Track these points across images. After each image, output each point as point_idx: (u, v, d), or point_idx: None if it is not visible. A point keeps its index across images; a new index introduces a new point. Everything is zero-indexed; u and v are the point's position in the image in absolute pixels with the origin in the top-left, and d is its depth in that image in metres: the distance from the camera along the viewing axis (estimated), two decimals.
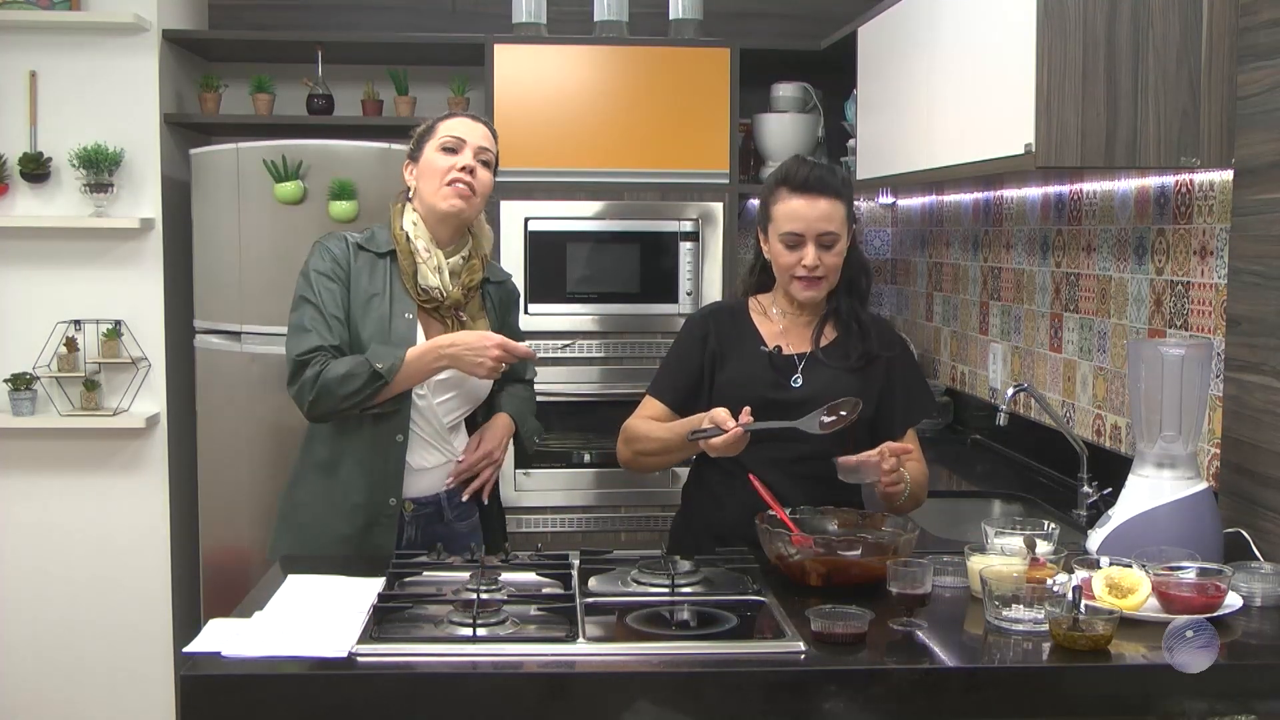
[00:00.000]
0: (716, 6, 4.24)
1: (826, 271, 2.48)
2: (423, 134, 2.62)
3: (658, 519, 3.89)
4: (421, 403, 2.55)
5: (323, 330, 2.48)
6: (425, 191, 2.57)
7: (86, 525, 4.02)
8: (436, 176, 2.55)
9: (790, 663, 1.86)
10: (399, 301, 2.54)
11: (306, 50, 4.13)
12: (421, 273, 2.54)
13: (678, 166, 3.92)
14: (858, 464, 2.34)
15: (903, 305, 4.71)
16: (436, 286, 2.54)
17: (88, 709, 4.07)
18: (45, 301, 3.96)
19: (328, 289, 2.51)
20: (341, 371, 2.44)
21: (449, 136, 2.57)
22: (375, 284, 2.54)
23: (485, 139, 2.61)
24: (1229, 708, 1.86)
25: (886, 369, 2.56)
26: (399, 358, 2.44)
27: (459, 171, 2.54)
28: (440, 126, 2.60)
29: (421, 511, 2.60)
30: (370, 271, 2.55)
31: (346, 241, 2.58)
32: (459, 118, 2.62)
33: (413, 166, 2.62)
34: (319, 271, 2.53)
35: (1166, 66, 2.50)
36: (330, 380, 2.43)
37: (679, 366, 2.60)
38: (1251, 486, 2.41)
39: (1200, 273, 2.68)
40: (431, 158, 2.57)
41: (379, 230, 2.62)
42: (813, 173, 2.47)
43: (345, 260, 2.55)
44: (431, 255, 2.55)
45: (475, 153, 2.57)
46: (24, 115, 3.94)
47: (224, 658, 1.84)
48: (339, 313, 2.51)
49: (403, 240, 2.55)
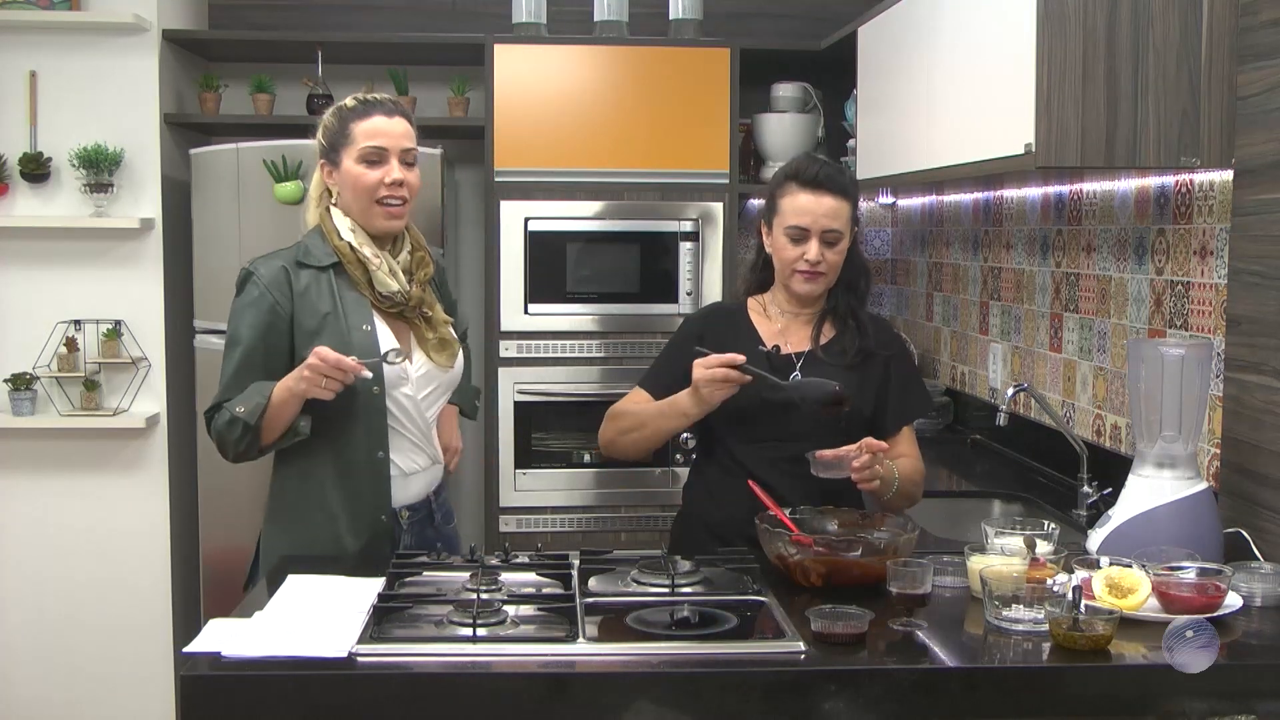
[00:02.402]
0: (716, 6, 4.24)
1: (828, 268, 2.49)
2: (336, 137, 2.44)
3: (658, 519, 3.89)
4: (408, 403, 2.46)
5: (235, 385, 2.38)
6: (354, 208, 2.43)
7: (86, 525, 4.02)
8: (364, 194, 2.41)
9: (790, 663, 1.86)
10: (354, 314, 2.41)
11: (306, 50, 4.13)
12: (378, 279, 2.42)
13: (678, 166, 3.92)
14: (835, 458, 2.35)
15: (903, 305, 4.71)
16: (398, 290, 2.44)
17: (88, 709, 4.07)
18: (45, 301, 3.96)
19: (251, 339, 2.39)
20: (223, 422, 2.37)
21: (369, 147, 2.40)
22: (324, 301, 2.41)
23: (407, 136, 2.45)
24: (1229, 708, 1.86)
25: (884, 367, 2.56)
26: (261, 400, 2.32)
27: (388, 188, 2.41)
28: (357, 131, 2.41)
29: (415, 517, 2.54)
30: (316, 289, 2.41)
31: (279, 265, 2.43)
32: (374, 116, 2.43)
33: (331, 170, 2.46)
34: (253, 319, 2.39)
35: (1166, 66, 2.50)
36: (220, 431, 2.38)
37: (671, 363, 2.61)
38: (1251, 486, 2.41)
39: (1200, 273, 2.68)
40: (354, 171, 2.41)
41: (311, 242, 2.47)
42: (822, 170, 2.49)
43: (284, 286, 2.40)
44: (382, 260, 2.43)
45: (399, 157, 2.43)
46: (24, 115, 3.94)
47: (224, 658, 1.84)
48: (261, 369, 2.38)
49: (346, 250, 2.42)
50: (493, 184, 3.88)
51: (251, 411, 2.32)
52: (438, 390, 2.54)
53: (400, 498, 2.49)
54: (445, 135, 4.18)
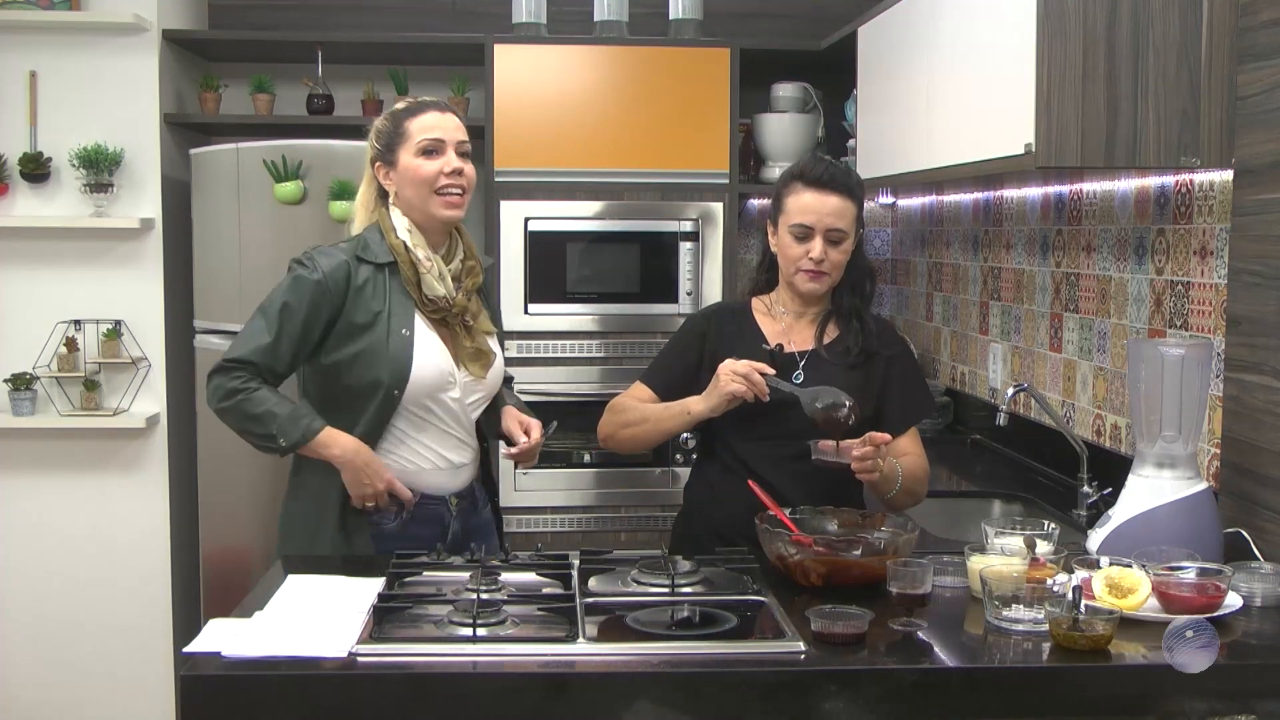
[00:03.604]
0: (716, 6, 4.24)
1: (831, 267, 2.50)
2: (391, 137, 2.52)
3: (658, 519, 3.89)
4: (455, 406, 2.55)
5: (266, 353, 2.42)
6: (415, 199, 2.50)
7: (86, 525, 4.03)
8: (425, 185, 2.48)
9: (790, 663, 1.86)
10: (397, 317, 2.47)
11: (306, 50, 4.13)
12: (426, 283, 2.49)
13: (678, 166, 3.92)
14: (837, 447, 2.36)
15: (903, 305, 4.71)
16: (444, 295, 2.51)
17: (88, 709, 4.07)
18: (45, 301, 3.96)
19: (296, 311, 2.43)
20: (256, 411, 2.41)
21: (426, 139, 2.49)
22: (378, 299, 2.47)
23: (459, 129, 2.54)
24: (1229, 708, 1.86)
25: (886, 367, 2.56)
26: (308, 434, 2.41)
27: (448, 177, 2.49)
28: (412, 127, 2.50)
29: (462, 504, 2.63)
30: (373, 285, 2.48)
31: (342, 259, 2.48)
32: (429, 112, 2.53)
33: (388, 171, 2.53)
34: (299, 296, 2.44)
35: (1166, 66, 2.50)
36: (244, 409, 2.42)
37: (674, 359, 2.63)
38: (1251, 486, 2.41)
39: (1200, 273, 2.68)
40: (413, 164, 2.49)
41: (370, 237, 2.52)
42: (828, 170, 2.51)
43: (342, 281, 2.46)
44: (433, 264, 2.50)
45: (456, 147, 2.51)
46: (24, 115, 3.94)
47: (224, 658, 1.84)
48: (293, 344, 2.44)
49: (402, 250, 2.49)
50: (493, 184, 3.88)
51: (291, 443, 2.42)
52: (480, 399, 2.63)
53: (449, 486, 2.59)
54: None
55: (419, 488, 2.54)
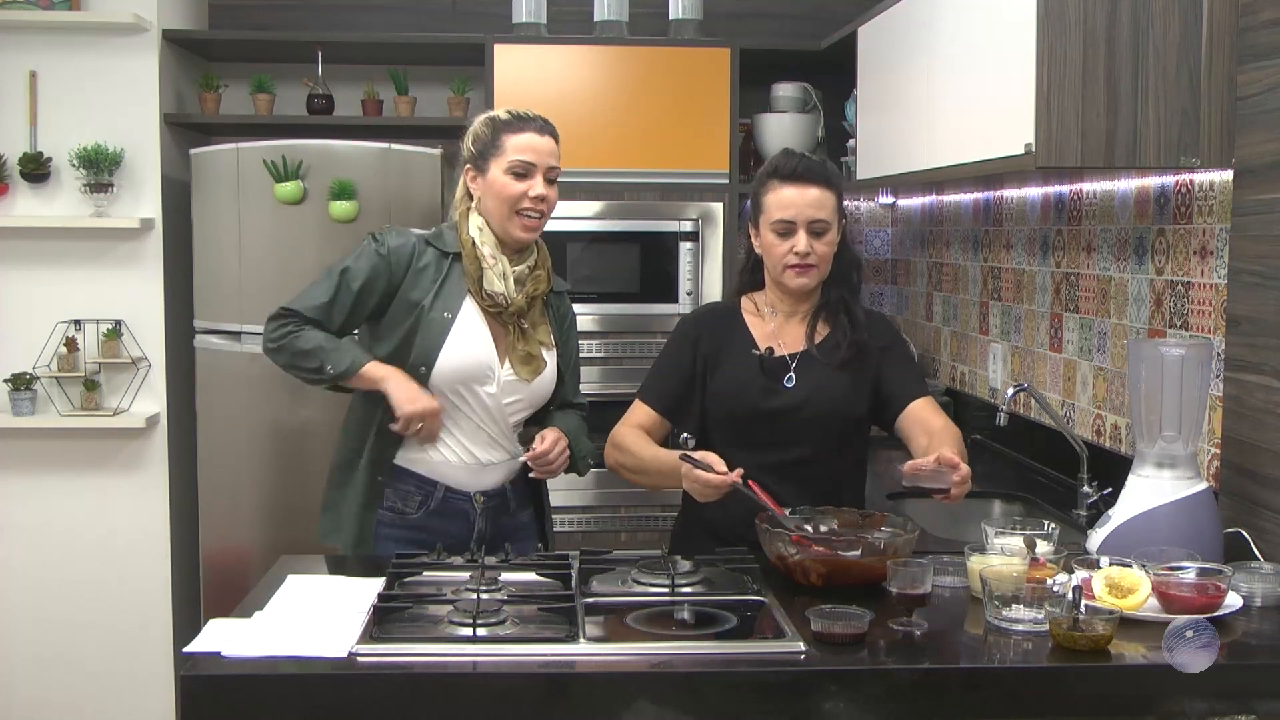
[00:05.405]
0: (716, 6, 4.24)
1: (818, 260, 2.48)
2: (487, 146, 2.57)
3: (658, 519, 3.89)
4: (491, 402, 2.57)
5: (320, 311, 2.54)
6: (495, 213, 2.56)
7: (86, 525, 4.02)
8: (506, 203, 2.54)
9: (790, 663, 1.86)
10: (444, 300, 2.55)
11: (306, 50, 4.13)
12: (487, 278, 2.55)
13: (677, 166, 3.92)
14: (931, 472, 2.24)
15: (903, 305, 4.71)
16: (501, 293, 2.55)
17: (88, 709, 4.07)
18: (45, 301, 3.96)
19: (355, 279, 2.54)
20: (306, 348, 2.52)
21: (519, 161, 2.54)
22: (428, 282, 2.56)
23: (553, 154, 2.59)
24: (1229, 708, 1.86)
25: (877, 360, 2.54)
26: (356, 364, 2.51)
27: (531, 202, 2.54)
28: (508, 144, 2.55)
29: (490, 504, 2.64)
30: (433, 269, 2.57)
31: (411, 240, 2.59)
32: (527, 133, 2.57)
33: (476, 176, 2.59)
34: (362, 265, 2.55)
35: (1166, 66, 2.50)
36: (294, 345, 2.53)
37: (669, 371, 2.60)
38: (1251, 486, 2.41)
39: (1200, 273, 2.68)
40: (500, 181, 2.54)
41: (447, 231, 2.62)
42: (802, 163, 2.50)
43: (408, 257, 2.56)
44: (497, 261, 2.56)
45: (546, 173, 2.56)
46: (24, 115, 3.94)
47: (224, 658, 1.84)
48: (345, 309, 2.55)
49: (469, 245, 2.56)
50: None
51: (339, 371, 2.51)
52: (522, 403, 2.64)
53: (473, 484, 2.62)
54: (445, 135, 4.17)
55: (441, 480, 2.59)
